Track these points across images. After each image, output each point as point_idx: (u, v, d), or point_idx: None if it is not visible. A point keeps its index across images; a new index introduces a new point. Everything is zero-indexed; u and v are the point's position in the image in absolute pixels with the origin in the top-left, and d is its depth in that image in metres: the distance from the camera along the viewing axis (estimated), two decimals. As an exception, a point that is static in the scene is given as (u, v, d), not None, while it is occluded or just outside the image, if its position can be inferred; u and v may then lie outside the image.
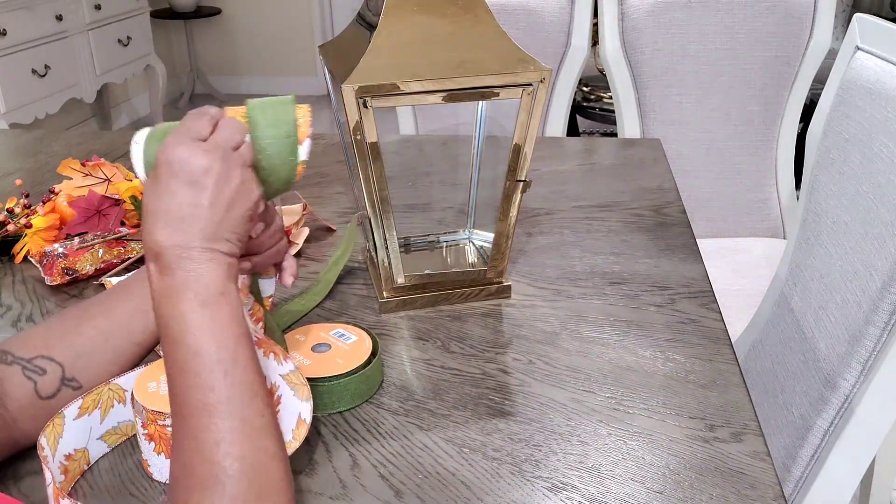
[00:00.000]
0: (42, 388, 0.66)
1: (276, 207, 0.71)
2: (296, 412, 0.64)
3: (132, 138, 0.61)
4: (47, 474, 0.59)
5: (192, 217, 0.56)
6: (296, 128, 0.62)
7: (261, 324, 0.72)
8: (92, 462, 0.67)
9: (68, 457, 0.64)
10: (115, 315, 0.70)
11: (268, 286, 0.74)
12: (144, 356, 0.72)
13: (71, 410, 0.65)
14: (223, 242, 0.58)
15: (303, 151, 0.63)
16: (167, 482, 0.64)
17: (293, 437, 0.63)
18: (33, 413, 0.66)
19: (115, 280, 0.92)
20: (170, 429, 0.62)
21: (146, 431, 0.64)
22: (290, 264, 0.72)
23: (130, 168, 1.27)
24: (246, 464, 0.52)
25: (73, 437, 0.65)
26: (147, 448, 0.65)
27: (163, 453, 0.64)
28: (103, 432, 0.68)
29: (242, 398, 0.55)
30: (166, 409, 0.62)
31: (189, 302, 0.55)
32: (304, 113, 0.63)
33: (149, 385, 0.66)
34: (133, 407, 0.65)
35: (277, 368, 0.65)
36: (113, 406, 0.68)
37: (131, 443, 0.70)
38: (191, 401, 0.54)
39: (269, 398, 0.57)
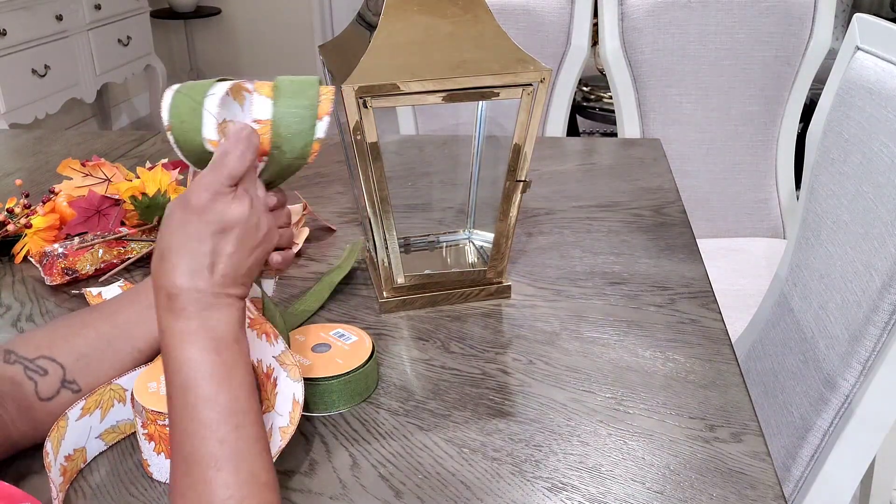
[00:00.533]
0: (42, 389, 0.66)
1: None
2: (290, 394, 0.64)
3: (168, 91, 0.62)
4: (53, 490, 0.59)
5: (215, 265, 0.56)
6: (318, 103, 0.63)
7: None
8: (89, 460, 0.67)
9: (68, 457, 0.64)
10: (118, 320, 0.70)
11: (267, 287, 0.74)
12: (146, 362, 0.72)
13: (74, 412, 0.65)
14: (239, 287, 0.58)
15: (321, 128, 0.64)
16: (167, 482, 0.64)
17: (290, 420, 0.63)
18: (32, 415, 0.66)
19: (94, 290, 0.92)
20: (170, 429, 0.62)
21: (146, 431, 0.64)
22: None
23: (130, 168, 1.27)
24: None
25: (73, 437, 0.65)
26: (147, 448, 0.65)
27: (163, 453, 0.64)
28: (102, 431, 0.68)
29: (251, 451, 0.53)
30: (166, 409, 0.62)
31: (204, 348, 0.54)
32: (327, 91, 0.64)
33: (149, 385, 0.66)
34: (133, 407, 0.65)
35: (270, 350, 0.65)
36: (113, 406, 0.68)
37: (131, 443, 0.70)
38: (199, 452, 0.52)
39: (269, 449, 0.56)
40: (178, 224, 0.56)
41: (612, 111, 2.01)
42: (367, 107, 0.78)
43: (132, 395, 0.65)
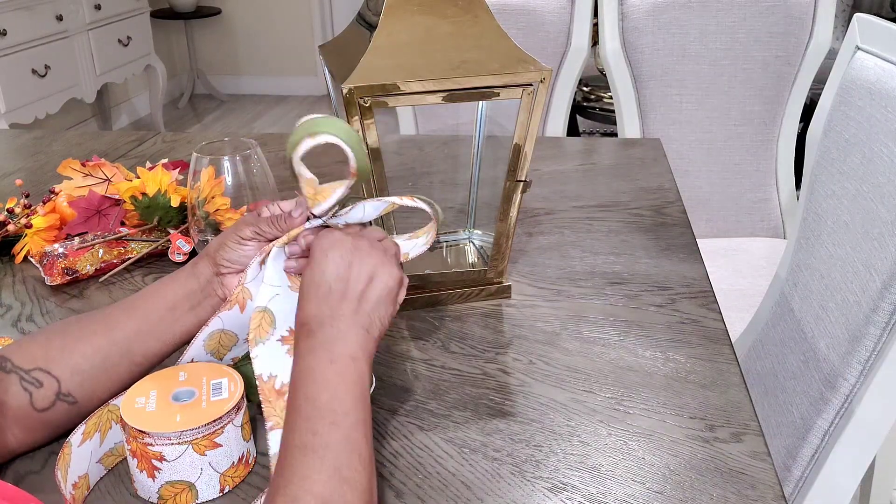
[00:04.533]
0: (37, 400, 0.65)
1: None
2: None
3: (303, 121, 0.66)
4: None
5: (349, 299, 0.63)
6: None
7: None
8: (92, 486, 0.66)
9: (74, 485, 0.63)
10: (115, 336, 0.68)
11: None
12: (144, 375, 0.70)
13: (76, 438, 0.64)
14: (367, 321, 0.63)
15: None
16: (150, 500, 0.64)
17: None
18: (27, 423, 0.66)
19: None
20: (151, 447, 0.61)
21: (130, 447, 0.63)
22: None
23: (131, 168, 1.27)
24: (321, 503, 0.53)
25: (77, 464, 0.64)
26: (132, 464, 0.63)
27: (145, 471, 0.62)
28: (101, 455, 0.67)
29: (341, 447, 0.56)
30: (150, 427, 0.61)
31: (319, 358, 0.60)
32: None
33: (137, 400, 0.64)
34: (121, 424, 0.65)
35: None
36: (111, 427, 0.67)
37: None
38: (294, 441, 0.56)
39: (371, 465, 0.58)
40: (311, 265, 0.64)
41: (612, 111, 2.01)
42: (367, 107, 0.78)
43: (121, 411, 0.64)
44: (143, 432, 0.61)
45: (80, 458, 0.64)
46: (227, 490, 0.64)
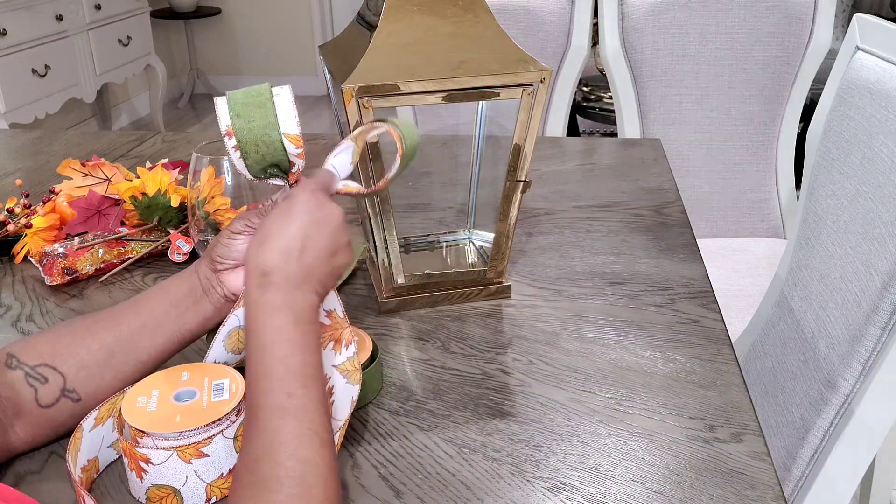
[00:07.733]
0: (42, 396, 0.66)
1: None
2: (349, 396, 0.66)
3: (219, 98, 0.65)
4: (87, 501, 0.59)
5: (305, 251, 0.62)
6: (273, 117, 0.65)
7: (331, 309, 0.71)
8: (101, 469, 0.66)
9: (83, 468, 0.64)
10: (121, 330, 0.69)
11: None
12: (149, 373, 0.70)
13: (88, 422, 0.65)
14: (317, 284, 0.63)
15: (288, 126, 0.65)
16: (139, 499, 0.64)
17: (346, 417, 0.66)
18: (30, 420, 0.66)
19: None
20: (140, 449, 0.61)
21: (122, 446, 0.63)
22: None
23: (130, 168, 1.27)
24: (308, 468, 0.54)
25: (87, 447, 0.64)
26: (125, 462, 0.64)
27: (134, 471, 0.62)
28: (113, 440, 0.67)
29: (315, 409, 0.58)
30: (150, 427, 0.61)
31: (286, 318, 0.60)
32: (284, 100, 0.66)
33: (139, 399, 0.64)
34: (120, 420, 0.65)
35: (332, 359, 0.67)
36: None
37: None
38: (269, 403, 0.57)
39: (329, 413, 0.60)
40: (281, 213, 0.63)
41: (612, 111, 2.01)
42: (367, 107, 0.78)
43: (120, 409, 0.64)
44: (142, 431, 0.61)
45: (91, 442, 0.65)
46: (213, 500, 0.63)
